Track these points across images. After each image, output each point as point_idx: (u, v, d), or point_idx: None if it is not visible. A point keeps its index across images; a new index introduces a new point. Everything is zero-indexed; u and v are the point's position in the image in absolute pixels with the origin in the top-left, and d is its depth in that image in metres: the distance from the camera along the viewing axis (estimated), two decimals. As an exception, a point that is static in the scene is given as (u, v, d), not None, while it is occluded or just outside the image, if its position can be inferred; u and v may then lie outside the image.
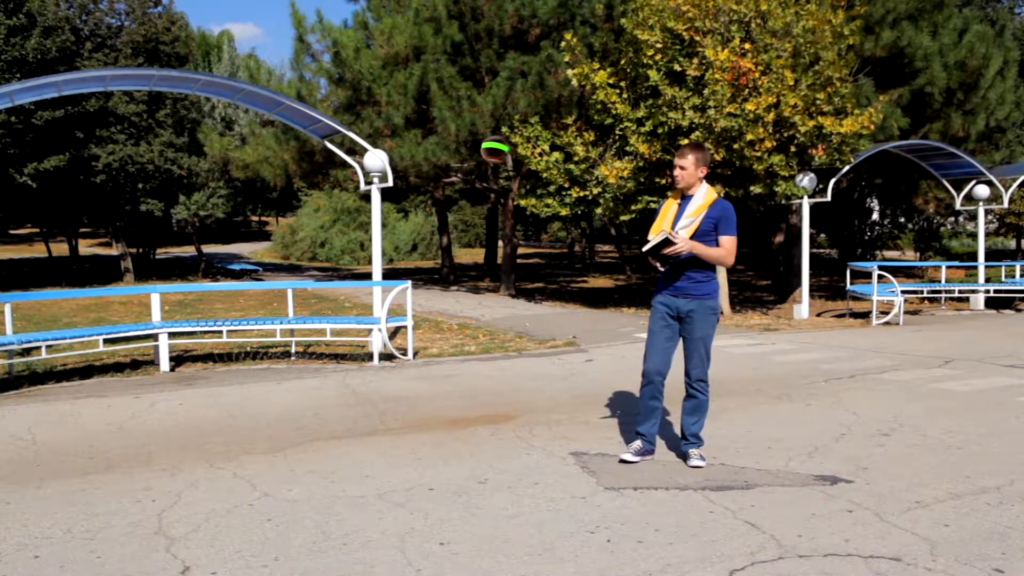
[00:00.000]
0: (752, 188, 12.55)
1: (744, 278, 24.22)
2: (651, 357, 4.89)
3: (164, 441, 5.68)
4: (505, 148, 7.16)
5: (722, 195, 12.52)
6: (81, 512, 4.14)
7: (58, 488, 4.58)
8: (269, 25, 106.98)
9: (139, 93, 24.33)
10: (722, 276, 14.14)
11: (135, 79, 11.46)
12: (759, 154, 12.07)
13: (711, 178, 12.59)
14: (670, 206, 4.92)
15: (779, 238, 18.02)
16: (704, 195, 4.82)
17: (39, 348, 8.23)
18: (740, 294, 18.25)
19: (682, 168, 4.83)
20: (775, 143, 12.14)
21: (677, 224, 4.76)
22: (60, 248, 33.52)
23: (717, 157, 12.05)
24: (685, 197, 4.88)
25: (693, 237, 4.68)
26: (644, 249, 4.74)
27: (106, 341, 8.69)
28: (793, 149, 12.43)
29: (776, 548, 3.52)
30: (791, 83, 11.84)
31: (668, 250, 4.63)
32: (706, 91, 11.86)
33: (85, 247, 39.12)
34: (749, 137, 11.79)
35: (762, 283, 22.15)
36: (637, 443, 4.94)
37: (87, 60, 24.18)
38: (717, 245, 4.75)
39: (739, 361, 8.96)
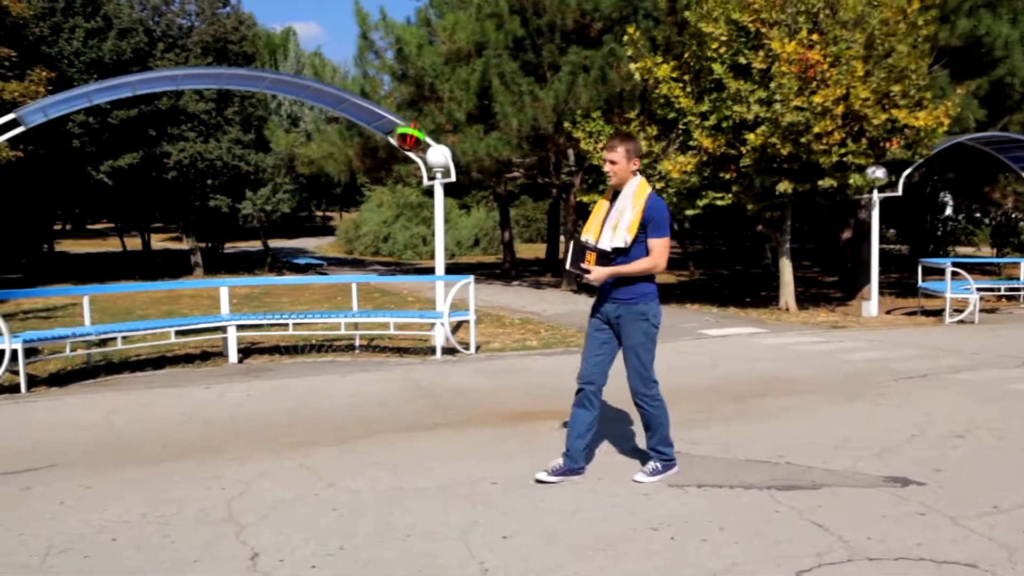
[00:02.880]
0: (820, 183, 12.27)
1: (810, 274, 23.72)
2: (583, 363, 4.51)
3: (233, 431, 5.82)
4: (420, 135, 7.08)
5: (789, 191, 12.33)
6: (155, 498, 4.28)
7: (134, 474, 4.73)
8: (331, 24, 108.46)
9: (208, 92, 24.95)
10: (787, 272, 13.89)
11: (205, 78, 11.75)
12: (826, 147, 11.81)
13: (776, 173, 12.38)
14: (601, 206, 4.49)
15: (847, 234, 17.59)
16: (635, 191, 4.35)
17: (115, 339, 8.51)
18: (806, 291, 17.87)
19: (612, 163, 4.36)
20: (844, 136, 11.85)
21: (607, 224, 4.36)
22: (134, 243, 34.61)
23: (783, 152, 11.82)
24: (616, 194, 4.44)
25: (633, 239, 4.27)
26: (567, 266, 4.43)
27: (177, 333, 8.94)
28: (864, 142, 12.12)
29: (845, 550, 3.44)
30: (861, 75, 11.54)
31: (588, 279, 4.33)
32: (772, 84, 11.64)
33: (157, 242, 40.30)
34: (816, 130, 11.53)
35: (828, 279, 21.66)
36: (559, 460, 4.52)
37: (159, 60, 24.88)
38: (647, 250, 4.30)
39: (805, 359, 8.79)
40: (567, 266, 4.43)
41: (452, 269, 16.67)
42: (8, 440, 5.67)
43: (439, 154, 9.91)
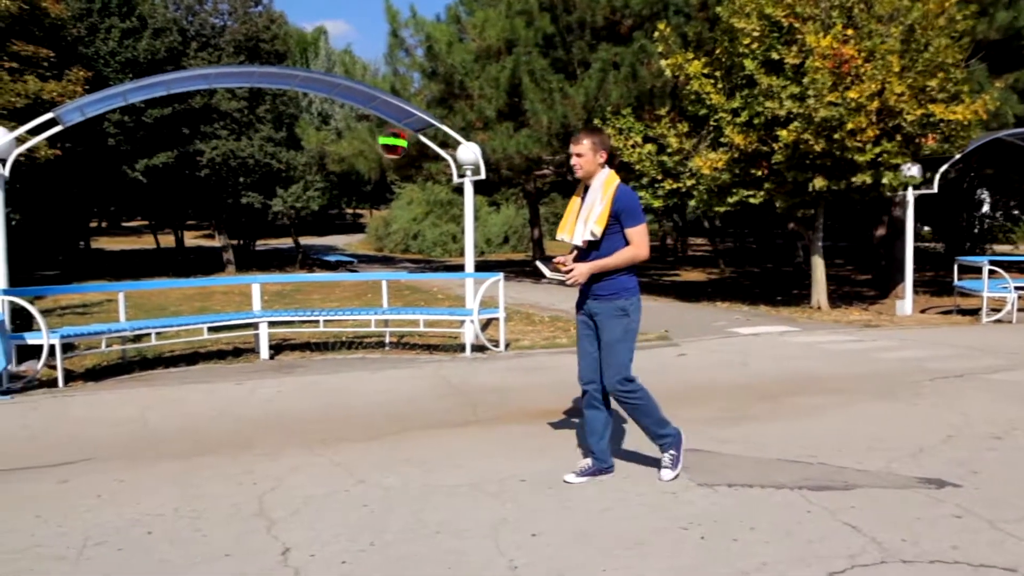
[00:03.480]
0: (854, 179, 12.12)
1: (843, 273, 23.45)
2: (579, 365, 4.49)
3: (264, 426, 5.88)
4: (403, 143, 7.01)
5: (823, 188, 12.19)
6: (188, 492, 4.33)
7: (167, 468, 4.79)
8: (360, 22, 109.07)
9: (240, 90, 25.21)
10: (819, 270, 13.74)
11: (237, 76, 11.84)
12: (860, 144, 11.66)
13: (809, 169, 12.25)
14: (574, 203, 4.41)
15: (880, 231, 17.36)
16: (603, 184, 4.25)
17: (149, 335, 8.64)
18: (838, 289, 17.66)
19: (579, 156, 4.29)
20: (878, 132, 11.69)
21: (580, 219, 4.28)
22: (167, 240, 35.08)
23: (816, 148, 11.68)
24: (587, 188, 4.35)
25: (603, 235, 4.19)
26: (547, 277, 4.34)
27: (210, 329, 9.04)
28: (898, 138, 11.95)
29: (878, 551, 3.40)
30: (897, 70, 11.37)
31: (568, 281, 4.21)
32: (805, 79, 11.51)
33: (190, 239, 40.79)
34: (850, 126, 11.39)
35: (861, 278, 21.40)
36: (587, 461, 4.50)
37: (193, 59, 25.18)
38: (624, 241, 4.23)
39: (837, 358, 8.69)
40: (547, 277, 4.34)
41: (482, 266, 16.69)
42: (47, 434, 5.78)
43: (469, 152, 9.92)
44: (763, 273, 24.51)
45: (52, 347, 7.46)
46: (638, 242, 4.21)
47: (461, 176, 10.21)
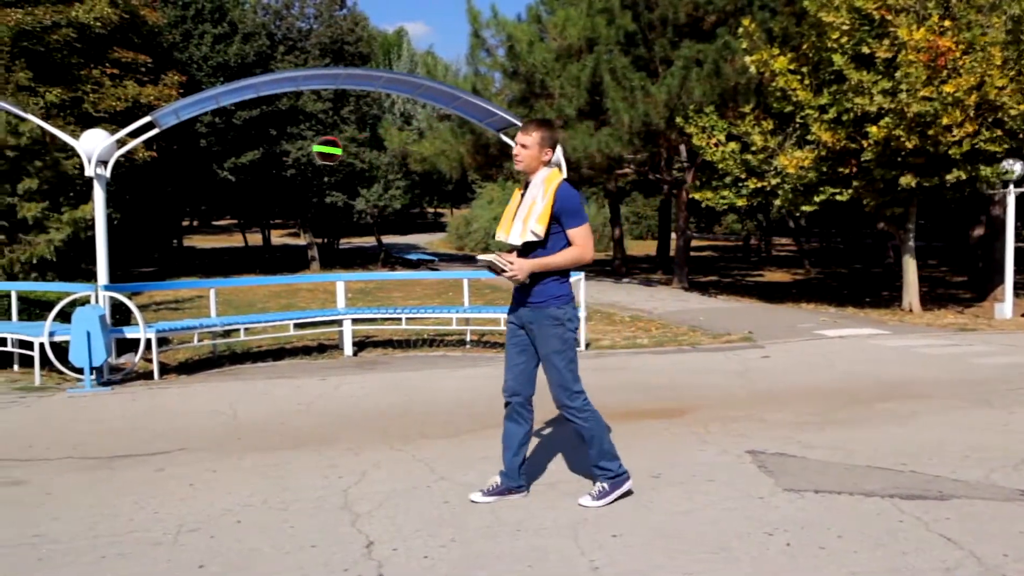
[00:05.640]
0: (948, 177, 11.66)
1: (936, 274, 22.58)
2: (505, 374, 4.16)
3: (347, 422, 6.00)
4: (337, 151, 6.91)
5: (913, 185, 11.77)
6: (276, 484, 4.45)
7: (255, 461, 4.94)
8: (439, 23, 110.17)
9: (326, 92, 25.79)
10: (911, 270, 13.27)
11: (323, 78, 12.12)
12: (956, 139, 11.20)
13: (900, 167, 11.84)
14: (514, 199, 4.13)
15: (978, 231, 16.66)
16: (544, 180, 3.96)
17: (238, 330, 8.92)
18: (931, 291, 17.03)
19: (523, 146, 3.98)
20: (976, 128, 11.21)
21: (517, 217, 4.00)
22: (255, 238, 36.12)
23: (908, 145, 11.28)
24: (527, 184, 4.07)
25: (547, 236, 3.91)
26: (479, 259, 4.00)
27: (296, 325, 9.28)
28: (998, 133, 11.43)
29: (976, 566, 3.26)
30: (999, 62, 10.89)
31: (507, 276, 3.90)
32: (898, 74, 11.13)
33: (276, 237, 41.94)
34: (945, 121, 10.96)
35: (956, 279, 20.57)
36: (495, 479, 4.19)
37: (280, 62, 25.89)
38: (567, 242, 3.93)
39: (931, 362, 8.38)
40: (480, 260, 3.98)
41: (561, 266, 16.67)
42: (144, 424, 6.02)
43: (550, 151, 9.91)
44: (851, 274, 23.80)
45: (148, 341, 7.77)
46: (582, 242, 3.92)
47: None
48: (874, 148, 11.75)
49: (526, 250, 4.00)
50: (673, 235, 24.60)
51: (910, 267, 13.34)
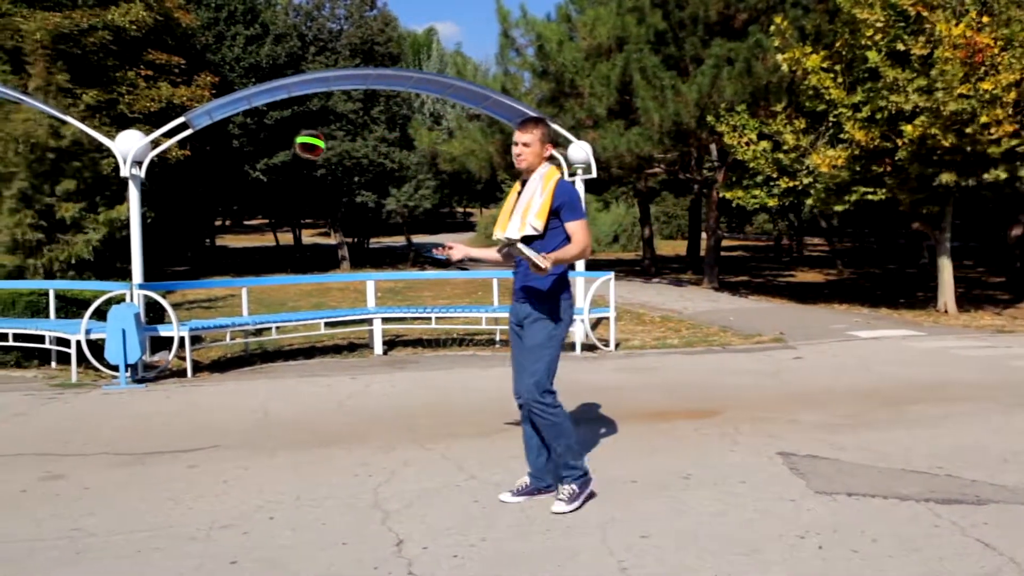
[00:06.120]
0: (986, 175, 11.46)
1: (972, 275, 22.21)
2: (513, 379, 4.10)
3: (378, 420, 6.03)
4: (321, 144, 6.80)
5: (950, 183, 11.59)
6: (308, 482, 4.48)
7: (287, 458, 4.98)
8: (467, 23, 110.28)
9: (356, 92, 25.93)
10: (946, 271, 13.07)
11: (354, 79, 12.20)
12: (995, 137, 11.01)
13: (936, 165, 11.66)
14: (511, 195, 4.13)
15: (1016, 231, 16.39)
16: (542, 176, 3.98)
17: (270, 329, 9.00)
18: (968, 292, 16.75)
19: (525, 145, 3.98)
20: (1016, 126, 11.00)
21: (515, 213, 4.00)
22: (286, 237, 36.42)
23: (945, 143, 11.10)
24: (525, 182, 4.07)
25: (545, 231, 3.90)
26: (517, 246, 3.81)
27: (327, 324, 9.35)
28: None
29: (1016, 572, 3.20)
30: (1039, 58, 10.68)
31: (535, 270, 3.75)
32: (934, 71, 10.96)
33: (307, 237, 42.21)
34: (984, 119, 10.77)
35: (994, 280, 20.22)
36: (524, 479, 4.22)
37: (311, 63, 26.10)
38: (567, 238, 3.93)
39: (967, 364, 8.25)
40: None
41: (591, 265, 16.65)
42: (177, 421, 6.10)
43: (580, 150, 9.91)
44: (884, 274, 23.48)
45: (182, 339, 7.87)
46: (582, 236, 3.92)
47: (572, 175, 10.20)
48: (909, 147, 11.58)
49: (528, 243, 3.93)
50: (703, 235, 24.45)
51: (946, 267, 13.14)
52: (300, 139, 6.67)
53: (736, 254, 36.57)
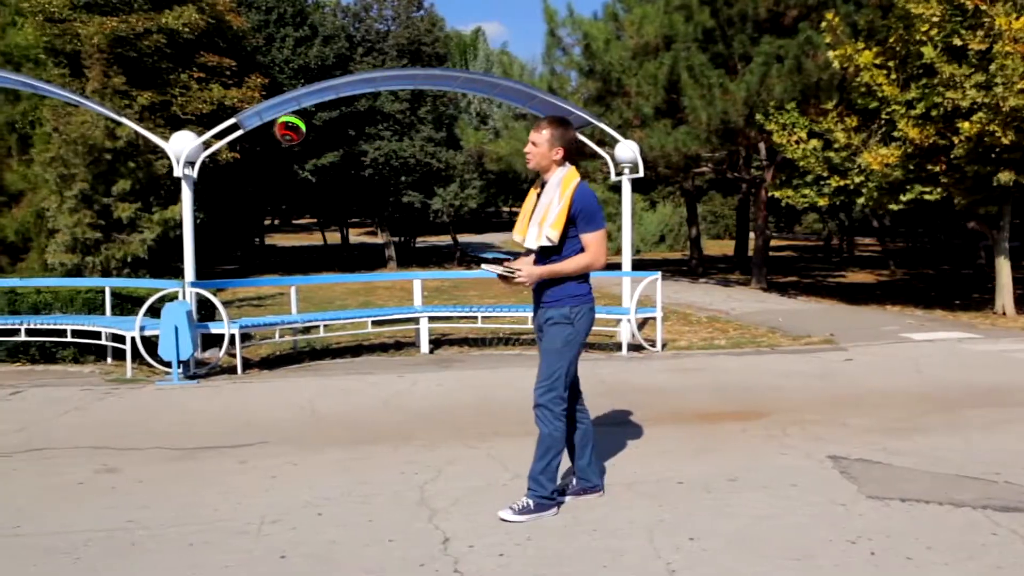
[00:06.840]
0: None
1: (1031, 275, 21.61)
2: None
3: (424, 418, 6.07)
4: (302, 127, 6.72)
5: (1010, 182, 11.27)
6: (355, 478, 4.53)
7: (335, 455, 5.03)
8: (513, 22, 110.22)
9: (403, 92, 26.12)
10: (1004, 272, 12.72)
11: (401, 79, 12.31)
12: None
13: (995, 163, 11.36)
14: (529, 199, 4.02)
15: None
16: (560, 182, 3.86)
17: (318, 327, 9.10)
18: (1026, 293, 16.29)
19: (533, 144, 3.90)
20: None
21: (533, 220, 3.91)
22: (333, 237, 36.84)
23: (1004, 140, 10.81)
24: (544, 184, 3.96)
25: (563, 240, 3.83)
26: (484, 266, 3.97)
27: (374, 323, 9.42)
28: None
29: (1076, 581, 3.11)
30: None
31: (516, 282, 3.85)
32: (992, 66, 10.67)
33: (354, 236, 42.67)
34: (1045, 116, 10.46)
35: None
36: (571, 479, 4.21)
37: (359, 64, 26.36)
38: (580, 247, 3.83)
39: (1026, 368, 8.02)
40: (485, 267, 3.98)
41: (637, 265, 16.54)
42: (228, 417, 6.20)
43: (627, 149, 9.86)
44: (939, 275, 22.95)
45: (232, 336, 8.00)
46: (596, 249, 3.82)
47: (619, 174, 10.15)
48: (966, 144, 11.30)
49: (542, 253, 3.94)
50: (751, 234, 24.15)
51: (1004, 268, 12.79)
52: (285, 118, 6.60)
53: (784, 254, 36.04)
